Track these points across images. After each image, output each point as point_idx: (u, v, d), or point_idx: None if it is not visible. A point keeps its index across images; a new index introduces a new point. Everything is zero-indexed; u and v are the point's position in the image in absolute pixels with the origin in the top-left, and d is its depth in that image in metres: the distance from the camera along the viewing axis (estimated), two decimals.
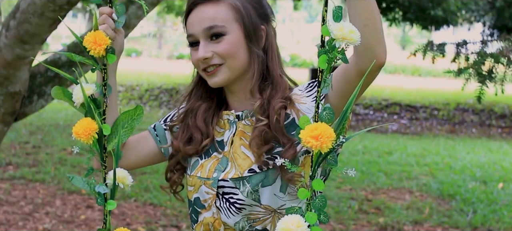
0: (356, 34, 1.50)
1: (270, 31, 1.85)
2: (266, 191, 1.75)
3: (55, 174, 7.14)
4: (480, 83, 3.20)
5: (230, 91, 1.86)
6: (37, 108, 3.66)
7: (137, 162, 1.95)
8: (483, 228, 6.00)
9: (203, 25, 1.79)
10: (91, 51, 1.81)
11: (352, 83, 1.66)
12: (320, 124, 1.49)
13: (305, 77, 17.09)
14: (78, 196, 6.45)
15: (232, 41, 1.79)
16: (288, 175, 1.73)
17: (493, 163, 8.79)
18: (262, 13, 1.84)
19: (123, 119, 1.90)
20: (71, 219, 5.78)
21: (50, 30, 3.27)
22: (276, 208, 1.76)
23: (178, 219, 5.86)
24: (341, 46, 1.50)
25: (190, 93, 1.92)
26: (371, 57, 1.61)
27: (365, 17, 1.59)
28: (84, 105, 1.85)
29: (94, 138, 1.83)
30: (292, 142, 1.74)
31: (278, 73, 1.83)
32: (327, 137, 1.48)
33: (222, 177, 1.79)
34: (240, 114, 1.84)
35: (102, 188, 1.87)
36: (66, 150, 8.46)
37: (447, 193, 7.08)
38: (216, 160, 1.83)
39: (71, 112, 12.23)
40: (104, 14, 1.82)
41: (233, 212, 1.78)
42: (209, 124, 1.87)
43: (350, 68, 1.65)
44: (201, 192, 1.83)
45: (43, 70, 3.67)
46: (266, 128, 1.75)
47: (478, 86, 3.21)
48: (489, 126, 13.56)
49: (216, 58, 1.80)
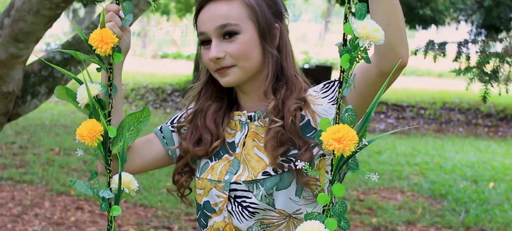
0: (380, 33, 1.44)
1: (284, 29, 1.79)
2: (281, 194, 1.68)
3: (43, 175, 7.03)
4: (484, 82, 3.16)
5: (242, 91, 1.80)
6: (30, 109, 3.57)
7: (143, 165, 1.88)
8: (476, 228, 5.97)
9: (215, 23, 1.72)
10: (97, 50, 1.73)
11: (371, 84, 1.60)
12: (342, 126, 1.43)
13: None
14: (67, 197, 6.35)
15: (246, 41, 1.72)
16: (304, 178, 1.67)
17: (482, 162, 8.78)
18: (276, 11, 1.77)
19: (129, 121, 1.83)
20: (60, 220, 5.69)
21: (45, 29, 3.19)
22: (291, 213, 1.70)
23: (169, 220, 5.78)
24: (364, 45, 1.44)
25: (199, 93, 1.85)
26: (393, 57, 1.55)
27: (388, 15, 1.53)
28: (89, 106, 1.78)
29: (99, 140, 1.76)
30: (308, 145, 1.68)
31: (293, 73, 1.77)
32: (350, 140, 1.42)
33: (235, 180, 1.73)
34: (252, 115, 1.78)
35: (107, 193, 1.79)
36: (53, 150, 8.34)
37: (438, 193, 7.05)
38: (227, 162, 1.76)
39: (57, 112, 12.10)
40: (111, 12, 1.74)
41: (246, 217, 1.71)
42: (220, 125, 1.80)
43: (370, 68, 1.59)
44: (211, 196, 1.76)
45: (36, 70, 3.58)
46: (281, 129, 1.69)
47: (483, 86, 3.16)
48: (475, 125, 13.58)
49: (228, 59, 1.73)
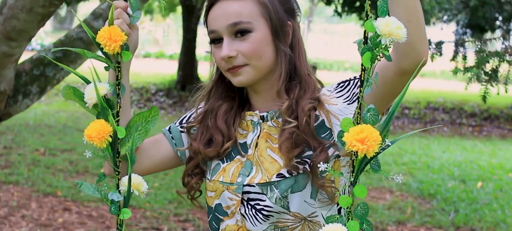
0: (402, 30, 1.40)
1: (296, 27, 1.74)
2: (296, 197, 1.64)
3: (28, 175, 6.93)
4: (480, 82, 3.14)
5: (254, 91, 1.75)
6: (22, 109, 3.50)
7: (151, 166, 1.83)
8: (466, 227, 5.98)
9: (227, 21, 1.67)
10: (106, 48, 1.68)
11: (389, 82, 1.56)
12: (366, 126, 1.39)
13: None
14: (54, 198, 6.26)
15: (258, 39, 1.67)
16: (320, 180, 1.62)
17: (469, 162, 8.80)
18: (288, 8, 1.73)
19: (137, 121, 1.78)
20: (48, 222, 5.60)
21: (38, 27, 3.12)
22: (306, 216, 1.65)
23: (158, 221, 5.72)
24: (386, 43, 1.41)
25: (209, 92, 1.80)
26: (413, 55, 1.51)
27: (409, 12, 1.49)
28: (97, 106, 1.72)
29: (108, 141, 1.71)
30: (323, 145, 1.64)
31: (306, 72, 1.72)
32: (374, 140, 1.38)
33: (248, 182, 1.68)
34: (264, 115, 1.73)
35: (116, 195, 1.74)
36: (38, 150, 8.24)
37: (427, 193, 7.05)
38: (240, 163, 1.72)
39: (40, 112, 11.96)
40: (119, 8, 1.69)
41: (259, 220, 1.66)
42: (231, 125, 1.75)
43: (389, 67, 1.54)
44: (223, 198, 1.71)
45: (28, 69, 3.51)
46: (296, 130, 1.64)
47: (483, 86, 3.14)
48: (460, 124, 13.63)
49: (240, 58, 1.68)
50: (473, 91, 4.85)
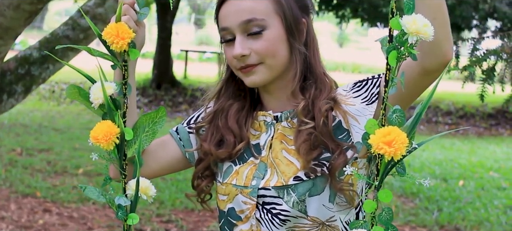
0: (429, 28, 1.35)
1: (310, 24, 1.68)
2: (314, 201, 1.58)
3: (6, 176, 6.79)
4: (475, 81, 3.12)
5: (266, 90, 1.68)
6: (7, 108, 3.39)
7: (159, 169, 1.76)
8: (450, 226, 5.98)
9: (240, 18, 1.61)
10: (113, 46, 1.60)
11: (412, 82, 1.51)
12: (393, 128, 1.34)
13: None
14: (33, 199, 6.14)
15: (272, 37, 1.61)
16: (339, 184, 1.57)
17: (450, 160, 8.82)
18: (302, 5, 1.67)
19: (144, 122, 1.70)
20: (29, 224, 5.49)
21: (25, 24, 3.02)
22: (324, 221, 1.59)
23: (141, 222, 5.63)
24: (413, 41, 1.35)
25: (219, 91, 1.73)
26: (438, 54, 1.46)
27: (434, 9, 1.44)
28: (103, 106, 1.65)
29: (115, 143, 1.64)
30: (341, 147, 1.58)
31: (321, 70, 1.66)
32: (401, 143, 1.33)
33: (263, 185, 1.61)
34: (278, 115, 1.67)
35: (123, 200, 1.66)
36: (15, 150, 8.08)
37: (410, 191, 7.05)
38: (253, 166, 1.65)
39: (15, 111, 11.73)
40: (126, 4, 1.62)
41: (276, 224, 1.60)
42: (243, 126, 1.68)
43: (412, 66, 1.49)
44: (237, 202, 1.64)
45: (12, 68, 3.40)
46: (313, 131, 1.58)
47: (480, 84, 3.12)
48: (436, 122, 13.69)
49: (253, 57, 1.61)
50: (447, 90, 4.81)
